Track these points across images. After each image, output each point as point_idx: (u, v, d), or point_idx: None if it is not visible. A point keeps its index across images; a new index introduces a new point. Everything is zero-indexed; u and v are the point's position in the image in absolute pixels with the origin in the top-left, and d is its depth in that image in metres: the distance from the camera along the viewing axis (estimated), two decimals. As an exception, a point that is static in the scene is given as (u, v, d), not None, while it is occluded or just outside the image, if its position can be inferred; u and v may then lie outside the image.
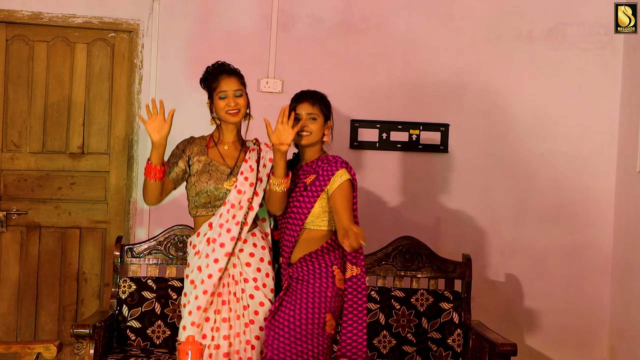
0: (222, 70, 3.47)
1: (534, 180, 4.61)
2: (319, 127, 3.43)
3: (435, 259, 4.15)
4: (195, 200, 3.44)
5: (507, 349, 3.62)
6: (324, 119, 3.44)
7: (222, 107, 3.42)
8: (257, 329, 3.40)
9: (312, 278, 3.35)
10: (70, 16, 4.44)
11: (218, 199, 3.42)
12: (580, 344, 4.63)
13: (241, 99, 3.45)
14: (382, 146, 4.56)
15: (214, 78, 3.46)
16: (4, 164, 4.48)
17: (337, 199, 3.35)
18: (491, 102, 4.61)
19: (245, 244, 3.43)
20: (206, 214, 3.43)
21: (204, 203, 3.43)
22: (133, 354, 3.82)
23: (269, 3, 4.52)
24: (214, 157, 3.48)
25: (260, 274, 3.44)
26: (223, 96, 3.42)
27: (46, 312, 4.51)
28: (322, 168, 3.41)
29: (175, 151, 3.50)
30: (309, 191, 3.39)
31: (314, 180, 3.40)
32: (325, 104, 3.47)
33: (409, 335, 4.01)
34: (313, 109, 3.42)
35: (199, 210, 3.45)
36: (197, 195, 3.43)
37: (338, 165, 3.41)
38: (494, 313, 4.55)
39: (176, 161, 3.47)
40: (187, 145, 3.50)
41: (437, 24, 4.59)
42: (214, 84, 3.45)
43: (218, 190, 3.41)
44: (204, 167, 3.44)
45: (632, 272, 4.38)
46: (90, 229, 4.54)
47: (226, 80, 3.43)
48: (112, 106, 4.54)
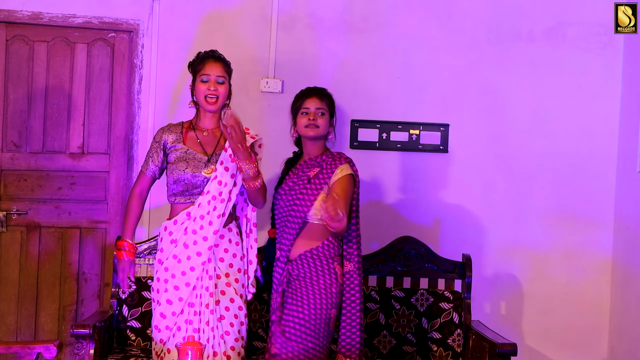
0: (210, 55, 3.49)
1: (534, 180, 4.61)
2: (326, 122, 3.51)
3: (435, 259, 4.15)
4: (173, 187, 3.47)
5: (507, 349, 3.62)
6: (330, 115, 3.52)
7: (202, 90, 3.44)
8: (228, 325, 3.43)
9: (316, 275, 3.37)
10: (70, 16, 4.44)
11: (195, 187, 3.43)
12: (580, 344, 4.62)
13: (222, 86, 3.46)
14: (382, 146, 4.56)
15: (200, 61, 3.48)
16: (4, 164, 4.48)
17: (336, 190, 3.37)
18: (491, 102, 4.60)
19: (222, 239, 3.45)
20: (184, 202, 3.45)
21: (182, 191, 3.44)
22: (133, 354, 3.82)
23: (269, 3, 4.52)
24: (191, 144, 3.48)
25: (232, 269, 3.48)
26: (205, 79, 3.43)
27: (46, 312, 4.51)
28: (326, 162, 3.46)
29: (152, 144, 3.54)
30: (312, 184, 3.42)
31: (318, 173, 3.43)
32: (332, 101, 3.57)
33: (409, 335, 4.01)
34: (322, 104, 3.50)
35: (177, 197, 3.47)
36: (174, 183, 3.45)
37: (342, 160, 3.48)
38: (494, 313, 4.55)
39: (152, 155, 3.51)
40: (162, 135, 3.51)
41: (437, 24, 4.59)
42: (198, 67, 3.47)
43: (195, 177, 3.42)
44: (181, 155, 3.45)
45: (632, 272, 4.38)
46: (90, 229, 4.54)
47: (211, 64, 3.45)
48: (112, 106, 4.54)
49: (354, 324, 3.41)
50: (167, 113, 4.49)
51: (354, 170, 3.47)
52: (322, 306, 3.34)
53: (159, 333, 3.45)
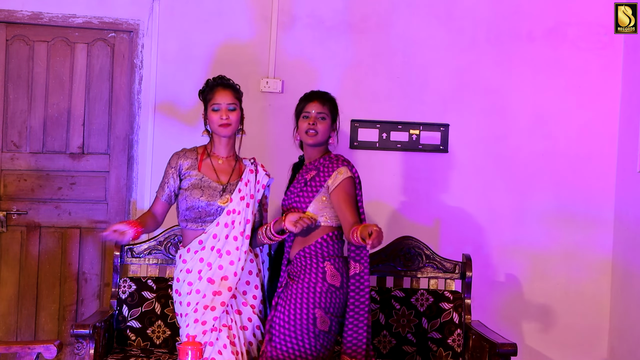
0: (219, 82, 3.48)
1: (534, 180, 4.61)
2: (326, 127, 3.48)
3: (435, 259, 4.15)
4: (185, 214, 3.45)
5: (507, 349, 3.62)
6: (331, 119, 3.49)
7: (215, 120, 3.44)
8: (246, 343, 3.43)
9: (303, 274, 3.37)
10: (70, 16, 4.44)
11: (209, 215, 3.43)
12: (580, 344, 4.62)
13: (234, 113, 3.45)
14: (382, 146, 4.56)
15: (209, 90, 3.47)
16: (4, 164, 4.48)
17: (340, 196, 3.38)
18: (491, 102, 4.61)
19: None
20: (195, 229, 3.44)
21: (194, 218, 3.44)
22: (133, 354, 3.82)
23: (269, 3, 4.52)
24: (206, 172, 3.47)
25: (249, 286, 3.49)
26: (216, 108, 3.43)
27: (46, 312, 4.52)
28: (323, 165, 3.45)
29: (167, 170, 3.52)
30: (309, 186, 3.42)
31: (314, 176, 3.43)
32: (334, 105, 3.54)
33: (409, 335, 4.01)
34: (323, 108, 3.47)
35: (189, 224, 3.46)
36: (187, 210, 3.44)
37: (339, 163, 3.44)
38: (494, 313, 4.55)
39: (168, 180, 3.49)
40: (177, 160, 3.50)
41: (437, 24, 4.59)
42: (208, 96, 3.46)
43: (210, 206, 3.42)
44: (196, 183, 3.44)
45: (632, 272, 4.38)
46: (90, 229, 4.55)
47: (221, 92, 3.44)
48: (112, 106, 4.54)
49: (360, 325, 3.40)
50: (167, 113, 4.49)
51: (353, 172, 3.46)
52: (303, 306, 3.32)
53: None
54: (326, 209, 3.42)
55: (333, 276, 3.38)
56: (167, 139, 4.47)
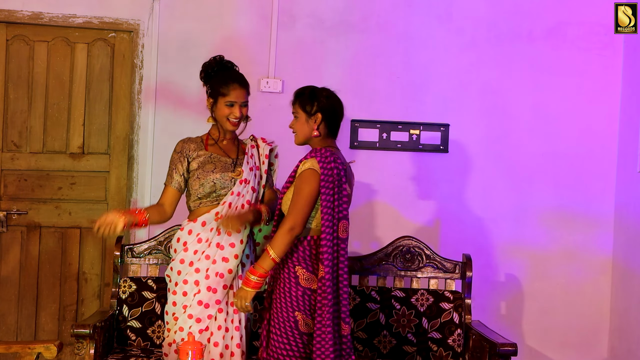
0: (234, 77, 3.46)
1: (534, 180, 4.61)
2: (300, 125, 3.37)
3: (435, 259, 4.15)
4: (199, 192, 3.45)
5: (507, 349, 3.62)
6: (306, 115, 3.35)
7: (226, 114, 3.44)
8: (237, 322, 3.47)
9: (280, 279, 3.34)
10: (70, 16, 4.44)
11: (223, 188, 3.44)
12: (580, 344, 4.63)
13: (245, 108, 3.50)
14: (382, 146, 4.56)
15: (223, 82, 3.44)
16: (4, 164, 4.48)
17: (295, 188, 3.29)
18: (491, 102, 4.61)
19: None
20: (210, 204, 3.44)
21: (209, 193, 3.44)
22: (133, 354, 3.82)
23: (269, 3, 4.52)
24: (214, 150, 3.51)
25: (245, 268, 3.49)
26: (230, 104, 3.43)
27: (46, 312, 4.51)
28: (304, 158, 3.36)
29: (173, 156, 3.51)
30: (289, 177, 3.39)
31: (293, 170, 3.39)
32: (304, 100, 3.37)
33: (409, 335, 4.01)
34: (293, 108, 3.41)
35: (202, 200, 3.45)
36: (201, 187, 3.44)
37: (309, 155, 3.32)
38: (494, 313, 4.55)
39: (175, 166, 3.49)
40: (182, 145, 3.51)
41: (437, 24, 4.59)
42: (222, 89, 3.43)
43: (223, 179, 3.43)
44: (206, 160, 3.46)
45: (632, 272, 4.38)
46: (91, 229, 4.50)
47: (238, 91, 3.44)
48: (112, 106, 4.54)
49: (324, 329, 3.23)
50: (167, 113, 4.49)
51: (321, 165, 3.25)
52: (283, 310, 3.28)
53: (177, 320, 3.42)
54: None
55: (307, 280, 3.29)
56: (167, 138, 4.46)
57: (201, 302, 3.38)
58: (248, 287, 3.25)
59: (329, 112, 3.36)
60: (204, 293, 3.38)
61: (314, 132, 3.36)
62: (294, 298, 3.29)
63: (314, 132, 3.36)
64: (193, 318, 3.37)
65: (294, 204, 3.25)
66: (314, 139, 3.38)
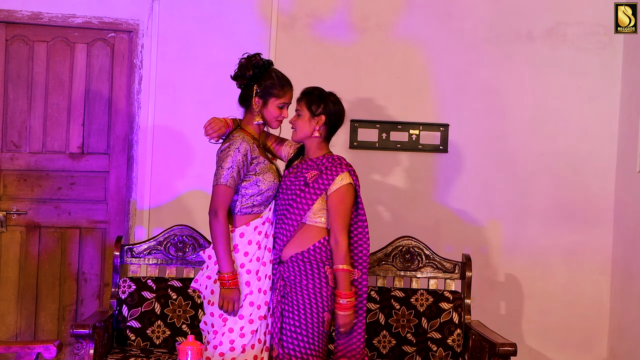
0: (287, 80, 3.49)
1: (534, 180, 4.61)
2: (302, 122, 3.41)
3: (434, 259, 4.15)
4: (255, 199, 3.39)
5: (507, 349, 3.62)
6: (310, 114, 3.40)
7: (277, 115, 3.44)
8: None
9: (306, 279, 3.34)
10: (70, 16, 4.44)
11: (274, 196, 3.47)
12: (580, 344, 4.63)
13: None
14: (382, 146, 4.56)
15: (280, 85, 3.44)
16: (4, 164, 4.48)
17: (334, 202, 3.36)
18: (491, 102, 4.61)
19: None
20: (260, 211, 3.42)
21: (264, 201, 3.42)
22: (133, 354, 3.82)
23: (269, 3, 4.52)
24: (262, 154, 3.48)
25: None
26: (282, 106, 3.44)
27: (46, 312, 4.51)
28: (325, 167, 3.39)
29: (237, 156, 3.33)
30: (311, 188, 3.37)
31: (317, 177, 3.38)
32: (311, 100, 3.43)
33: (408, 335, 4.01)
34: (298, 105, 3.45)
35: (256, 208, 3.40)
36: (259, 195, 3.39)
37: (343, 168, 3.41)
38: (494, 313, 4.55)
39: (241, 168, 3.35)
40: (246, 146, 3.36)
41: (437, 24, 4.59)
42: (278, 92, 3.42)
43: (277, 187, 3.46)
44: (265, 167, 3.42)
45: (632, 272, 4.38)
46: (90, 229, 4.54)
47: (290, 93, 3.47)
48: (112, 106, 4.54)
49: (359, 330, 3.42)
50: (167, 113, 4.49)
51: (354, 179, 3.42)
52: (313, 311, 3.33)
53: (242, 338, 3.34)
54: (324, 211, 3.39)
55: (332, 280, 3.38)
56: (167, 139, 4.47)
57: (253, 303, 3.36)
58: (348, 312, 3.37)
59: (333, 117, 3.44)
60: (255, 294, 3.38)
61: (315, 132, 3.41)
62: (325, 298, 3.34)
63: (315, 133, 3.41)
64: (252, 323, 3.36)
65: (343, 218, 3.36)
66: (312, 139, 3.43)
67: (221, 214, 3.31)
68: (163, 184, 4.49)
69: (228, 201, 3.34)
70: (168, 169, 4.48)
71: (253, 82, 3.43)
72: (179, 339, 3.96)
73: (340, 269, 3.33)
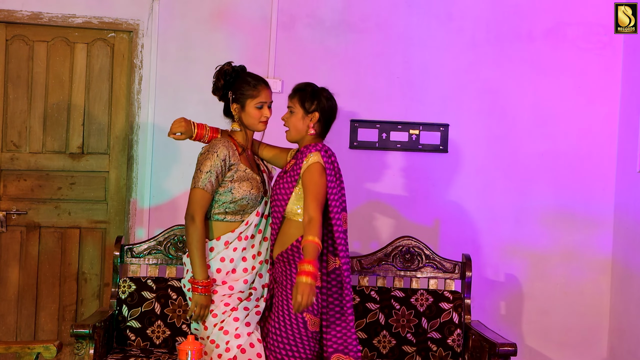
0: (259, 79, 3.44)
1: (533, 180, 4.61)
2: (295, 119, 3.37)
3: (434, 259, 4.15)
4: (228, 206, 3.37)
5: (507, 349, 3.62)
6: (303, 112, 3.36)
7: (258, 116, 3.40)
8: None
9: (285, 280, 3.30)
10: (70, 16, 4.44)
11: (253, 207, 3.39)
12: (580, 344, 4.63)
13: (271, 109, 3.46)
14: (381, 146, 4.56)
15: (250, 85, 3.40)
16: (4, 164, 4.48)
17: (305, 181, 3.25)
18: (491, 102, 4.61)
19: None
20: (233, 221, 3.38)
21: (237, 211, 3.37)
22: (133, 354, 3.82)
23: (269, 3, 4.52)
24: (245, 163, 3.42)
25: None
26: (260, 106, 3.40)
27: (46, 312, 4.51)
28: (301, 153, 3.33)
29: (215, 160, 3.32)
30: (288, 176, 3.32)
31: (293, 165, 3.33)
32: (304, 96, 3.37)
33: (408, 335, 4.01)
34: (291, 102, 3.39)
35: (228, 215, 3.38)
36: (232, 203, 3.36)
37: (312, 149, 3.30)
38: (493, 313, 4.55)
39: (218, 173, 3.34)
40: (225, 152, 3.34)
41: (437, 24, 4.59)
42: (252, 92, 3.39)
43: (257, 199, 3.39)
44: (243, 175, 3.37)
45: (631, 273, 4.38)
46: (90, 229, 4.54)
47: (266, 91, 3.41)
48: (112, 106, 4.54)
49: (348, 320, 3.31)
50: (167, 113, 4.49)
51: (325, 160, 3.27)
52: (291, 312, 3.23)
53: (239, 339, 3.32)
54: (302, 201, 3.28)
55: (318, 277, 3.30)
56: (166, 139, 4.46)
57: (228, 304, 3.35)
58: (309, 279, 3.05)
59: (326, 113, 3.38)
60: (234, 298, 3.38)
61: (310, 130, 3.36)
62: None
63: (310, 130, 3.37)
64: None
65: (313, 195, 3.20)
66: (307, 137, 3.38)
67: (198, 219, 3.30)
68: (163, 184, 4.49)
69: (205, 206, 3.33)
70: (168, 169, 4.48)
71: (228, 90, 3.43)
72: (179, 339, 3.96)
73: (309, 241, 3.09)
